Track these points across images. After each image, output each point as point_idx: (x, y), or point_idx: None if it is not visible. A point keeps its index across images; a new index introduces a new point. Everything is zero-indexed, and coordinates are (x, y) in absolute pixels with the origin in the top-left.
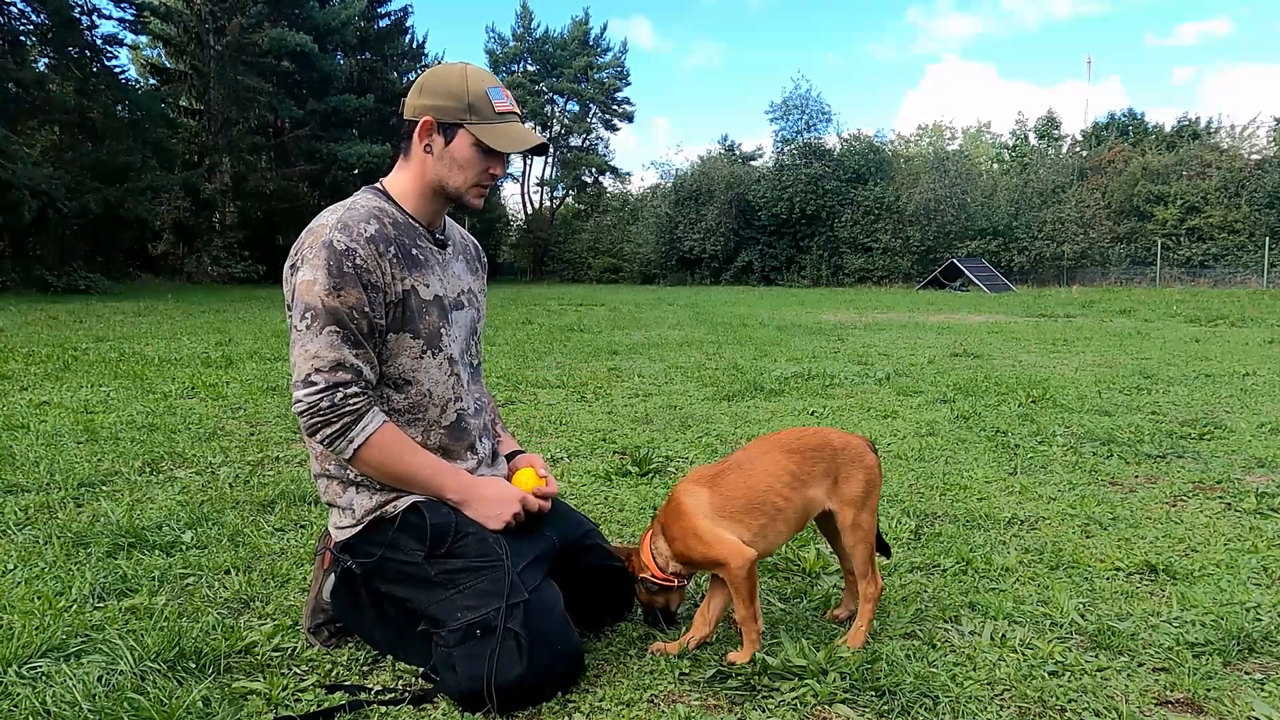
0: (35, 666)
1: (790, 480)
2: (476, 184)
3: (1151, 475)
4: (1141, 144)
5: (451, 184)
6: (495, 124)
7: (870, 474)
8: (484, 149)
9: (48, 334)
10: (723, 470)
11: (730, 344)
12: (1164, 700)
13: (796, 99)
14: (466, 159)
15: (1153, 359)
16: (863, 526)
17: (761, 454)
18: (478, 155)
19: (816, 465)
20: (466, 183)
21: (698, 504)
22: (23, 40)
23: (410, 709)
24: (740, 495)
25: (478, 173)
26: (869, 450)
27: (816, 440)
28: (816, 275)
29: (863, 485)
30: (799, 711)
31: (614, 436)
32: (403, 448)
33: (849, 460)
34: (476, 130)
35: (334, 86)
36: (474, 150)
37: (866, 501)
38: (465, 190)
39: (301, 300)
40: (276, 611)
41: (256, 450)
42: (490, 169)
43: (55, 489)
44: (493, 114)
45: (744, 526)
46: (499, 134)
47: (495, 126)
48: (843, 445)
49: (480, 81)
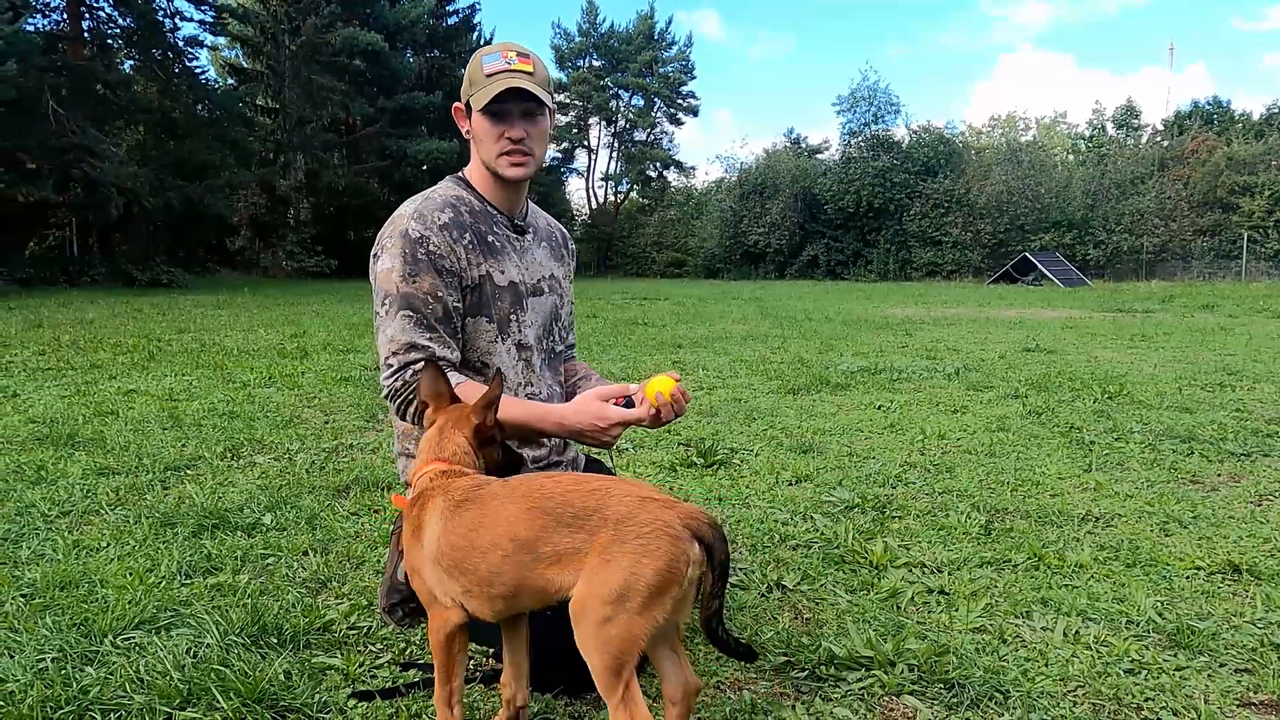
0: (129, 638)
1: (514, 550)
2: (501, 153)
3: (1235, 474)
4: (1227, 133)
5: (485, 160)
6: (483, 87)
7: (663, 569)
8: (490, 114)
9: (133, 326)
10: (472, 499)
11: (795, 338)
12: (1247, 701)
13: (864, 90)
14: (482, 131)
15: (1237, 355)
16: (613, 633)
17: (505, 499)
18: (488, 123)
19: (570, 537)
20: (492, 154)
21: (430, 534)
22: (110, 43)
23: (481, 687)
24: (461, 545)
25: (494, 140)
26: (685, 536)
27: (588, 502)
28: (884, 269)
29: (624, 579)
30: (865, 702)
31: (679, 429)
32: None
33: (629, 539)
34: (473, 100)
35: (404, 84)
36: (484, 119)
37: (628, 602)
38: (494, 161)
39: (380, 287)
40: (352, 592)
41: (331, 438)
42: (505, 133)
43: (144, 472)
44: (483, 79)
45: (455, 583)
46: (482, 95)
47: (482, 90)
48: (626, 517)
49: (480, 55)
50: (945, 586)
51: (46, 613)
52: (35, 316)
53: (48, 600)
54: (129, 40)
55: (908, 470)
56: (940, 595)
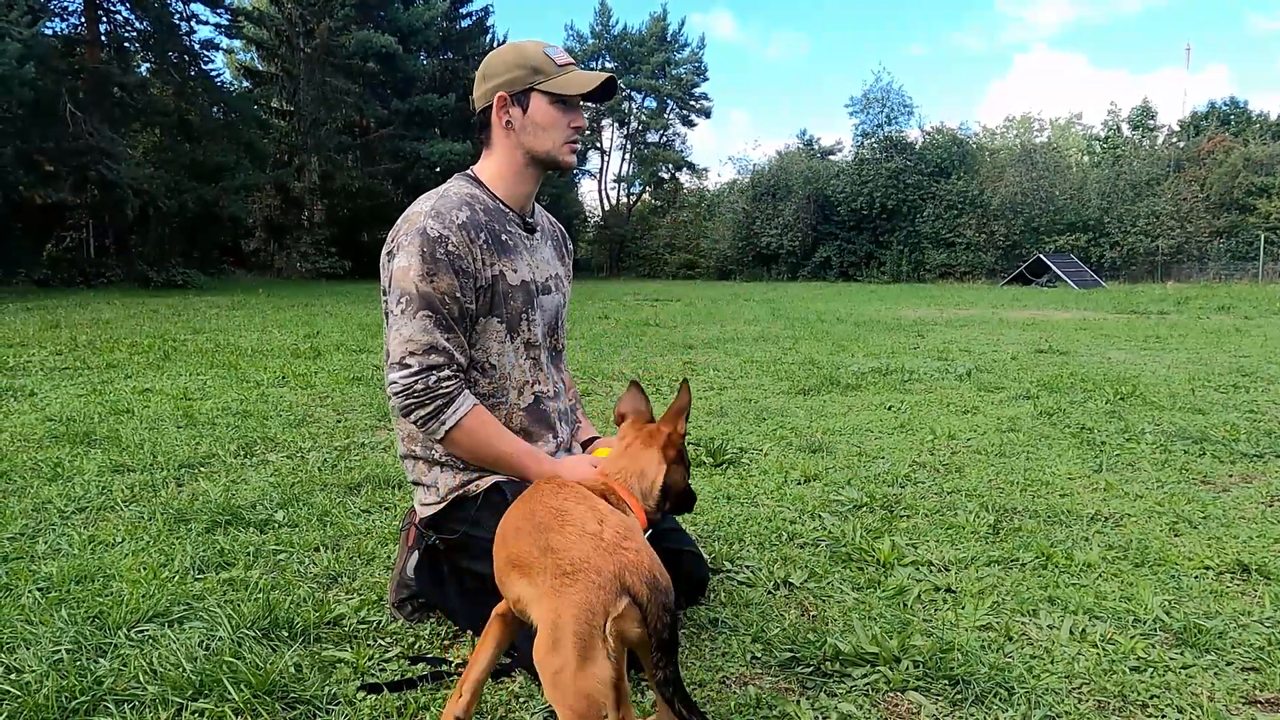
0: (142, 630)
1: (498, 546)
2: (565, 141)
3: (1247, 474)
4: (1244, 133)
5: (541, 149)
6: (561, 75)
7: (578, 616)
8: (560, 102)
9: (149, 326)
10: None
11: (806, 339)
12: (1253, 699)
13: (877, 92)
14: (548, 119)
15: (1252, 356)
16: (566, 686)
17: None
18: (556, 111)
19: (531, 549)
20: (556, 142)
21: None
22: (126, 46)
23: (489, 681)
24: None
25: (562, 129)
26: (610, 586)
27: (550, 521)
28: (896, 271)
29: (550, 620)
30: (870, 697)
31: (688, 428)
32: (491, 431)
33: (553, 575)
34: (548, 87)
35: (417, 86)
36: (551, 108)
37: (562, 649)
38: (557, 150)
39: (397, 286)
40: (363, 587)
41: (343, 436)
42: (572, 122)
43: (158, 469)
44: (555, 69)
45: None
46: (569, 83)
47: (562, 78)
48: (561, 550)
49: (535, 46)
50: (952, 585)
51: (62, 606)
52: (52, 317)
53: (63, 594)
54: (145, 43)
55: (917, 470)
56: (947, 593)
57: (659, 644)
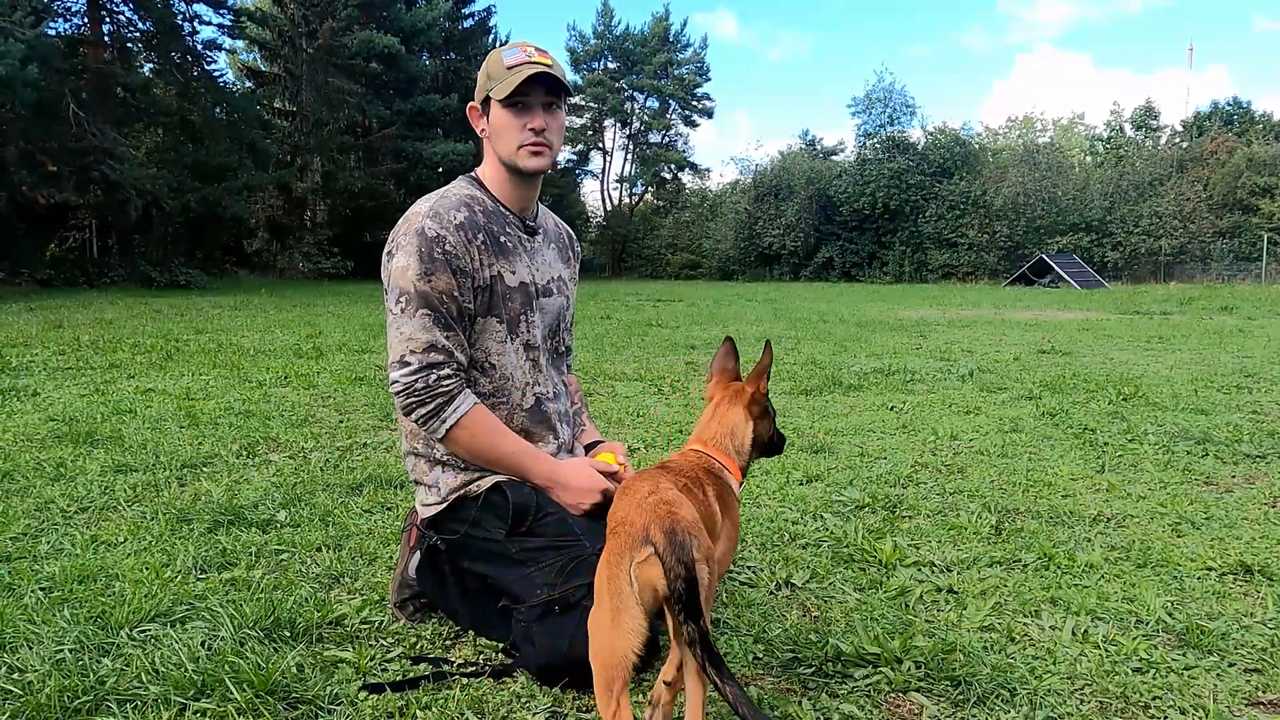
0: (145, 630)
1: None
2: (521, 145)
3: (1250, 475)
4: (1248, 134)
5: (504, 155)
6: (505, 79)
7: (611, 570)
8: (512, 105)
9: (152, 326)
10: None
11: (809, 339)
12: (1255, 701)
13: (879, 92)
14: (502, 123)
15: (1255, 357)
16: (600, 643)
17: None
18: (510, 115)
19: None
20: (513, 146)
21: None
22: (130, 47)
23: (490, 681)
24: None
25: (516, 132)
26: (639, 537)
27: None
28: (899, 271)
29: (600, 578)
30: (872, 698)
31: (690, 428)
32: (492, 430)
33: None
34: (494, 93)
35: (420, 87)
36: (505, 112)
37: (602, 605)
38: (515, 155)
39: (396, 285)
40: (365, 587)
41: (345, 436)
42: (527, 124)
43: (160, 469)
44: (504, 72)
45: None
46: (507, 84)
47: (505, 81)
48: (612, 512)
49: (499, 51)
50: (954, 585)
51: (64, 605)
52: (55, 317)
53: (66, 593)
54: (148, 44)
55: (919, 470)
56: (949, 594)
57: (677, 598)
